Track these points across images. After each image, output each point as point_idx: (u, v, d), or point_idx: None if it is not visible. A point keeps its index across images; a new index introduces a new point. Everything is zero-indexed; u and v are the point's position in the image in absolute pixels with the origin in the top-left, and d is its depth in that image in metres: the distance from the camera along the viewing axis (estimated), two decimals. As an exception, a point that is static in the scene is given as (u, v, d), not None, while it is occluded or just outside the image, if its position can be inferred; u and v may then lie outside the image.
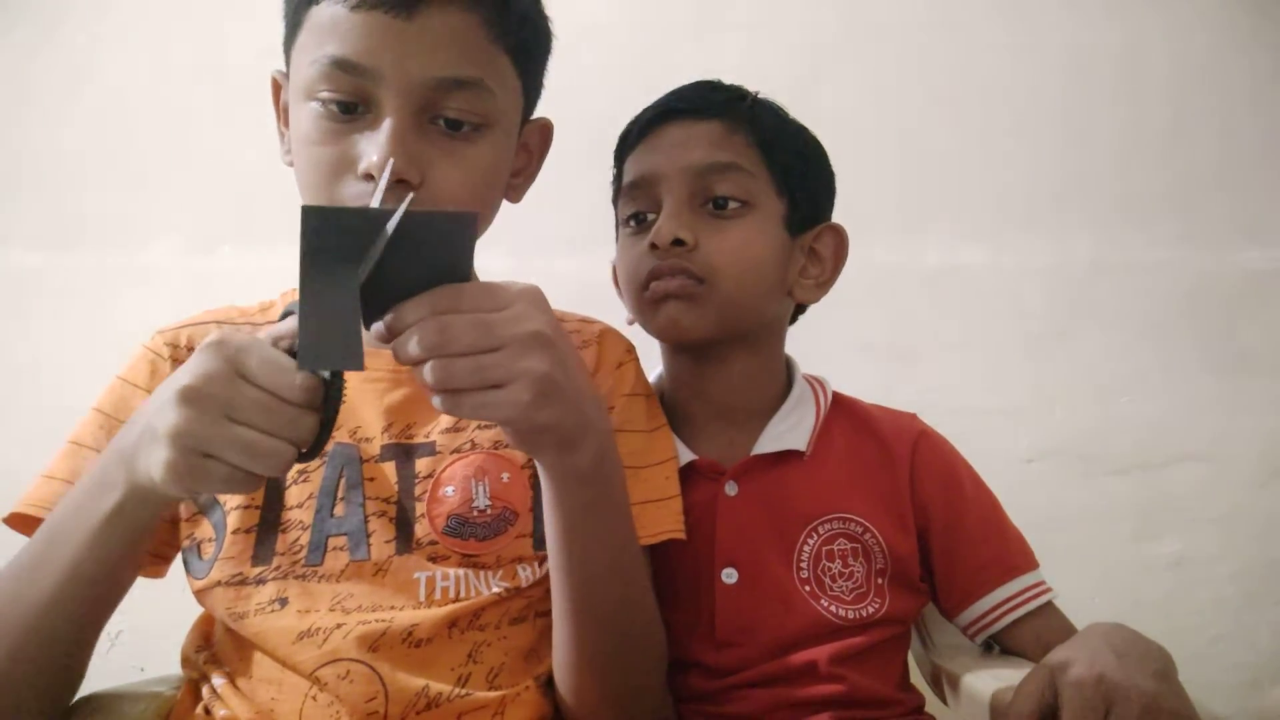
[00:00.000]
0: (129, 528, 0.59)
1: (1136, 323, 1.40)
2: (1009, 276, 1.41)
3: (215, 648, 0.75)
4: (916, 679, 0.89)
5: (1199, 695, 0.63)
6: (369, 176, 0.66)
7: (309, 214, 0.49)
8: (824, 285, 0.92)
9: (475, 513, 0.74)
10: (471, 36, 0.70)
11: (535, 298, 0.56)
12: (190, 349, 0.77)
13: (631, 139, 0.91)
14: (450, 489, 0.75)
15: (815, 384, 0.94)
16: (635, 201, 0.89)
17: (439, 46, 0.68)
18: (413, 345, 0.52)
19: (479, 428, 0.78)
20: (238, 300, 0.86)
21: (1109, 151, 1.42)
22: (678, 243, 0.83)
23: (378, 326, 0.54)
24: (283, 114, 0.79)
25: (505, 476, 0.76)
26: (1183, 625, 1.32)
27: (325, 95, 0.68)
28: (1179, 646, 0.66)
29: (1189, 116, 1.43)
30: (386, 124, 0.66)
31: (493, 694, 0.70)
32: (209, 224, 1.36)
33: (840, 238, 0.92)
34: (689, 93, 0.90)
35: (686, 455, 0.86)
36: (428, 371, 0.52)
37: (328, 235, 0.49)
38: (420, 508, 0.74)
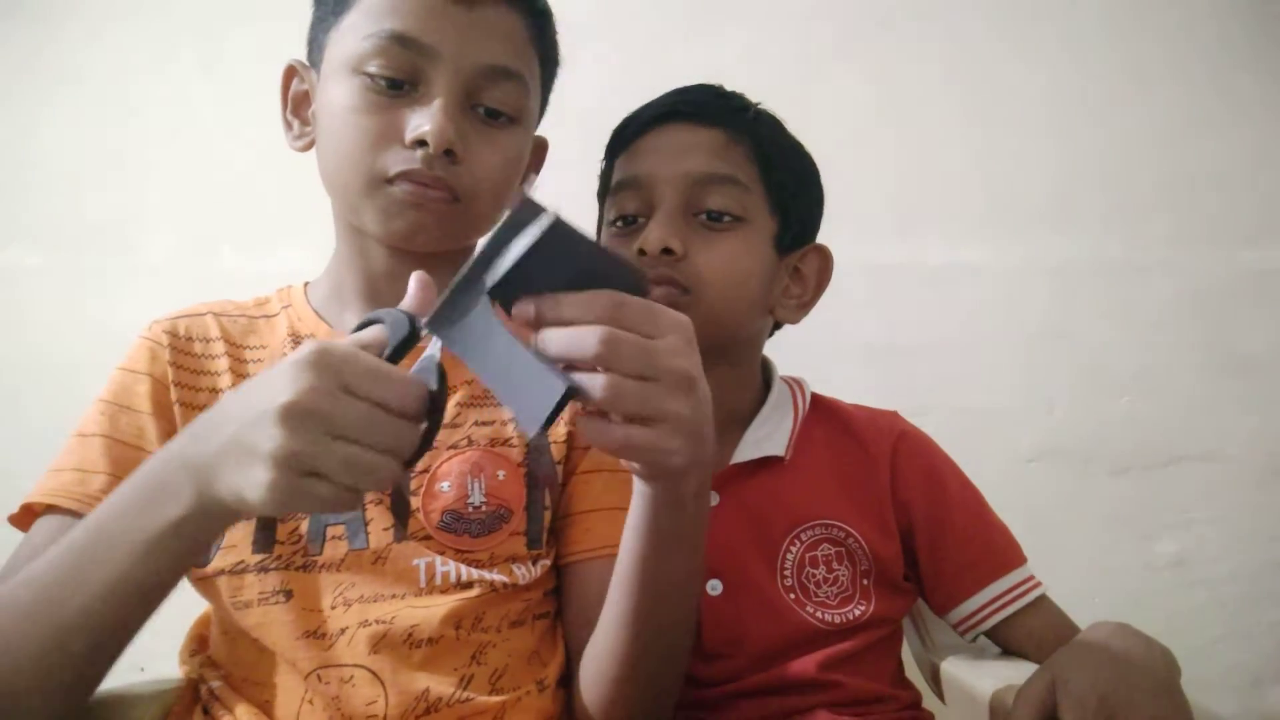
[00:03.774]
0: (189, 541, 0.55)
1: (1136, 323, 1.40)
2: (1009, 276, 1.41)
3: (211, 650, 0.75)
4: (915, 676, 0.89)
5: (1199, 695, 0.63)
6: (418, 143, 0.70)
7: (436, 326, 0.49)
8: (805, 306, 0.91)
9: (470, 509, 0.74)
10: (518, 35, 0.76)
11: (689, 332, 0.53)
12: (190, 339, 0.78)
13: (628, 136, 0.88)
14: (446, 484, 0.75)
15: (793, 385, 0.93)
16: (625, 202, 0.87)
17: (493, 37, 0.73)
18: (574, 346, 0.48)
19: (476, 424, 0.77)
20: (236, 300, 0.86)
21: (1109, 151, 1.42)
22: (666, 251, 0.81)
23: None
24: (291, 102, 0.81)
25: (501, 474, 0.76)
26: (1183, 625, 1.32)
27: (375, 69, 0.71)
28: (1179, 646, 0.66)
29: (1188, 117, 1.43)
30: (439, 100, 0.70)
31: (494, 699, 0.70)
32: (209, 224, 1.36)
33: (825, 260, 0.91)
34: (694, 96, 0.88)
35: None
36: (601, 388, 0.48)
37: (455, 315, 0.49)
38: (415, 502, 0.74)
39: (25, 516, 0.71)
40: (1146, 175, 1.42)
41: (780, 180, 0.86)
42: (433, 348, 0.51)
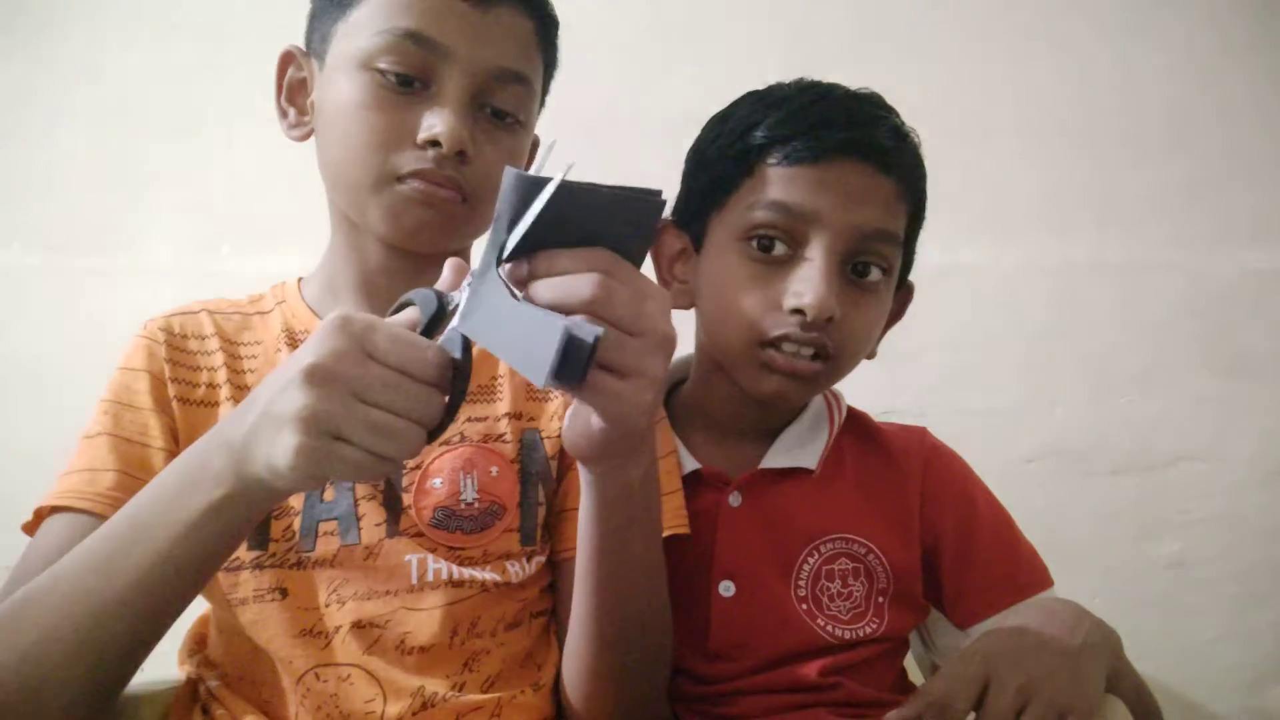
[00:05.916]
0: (231, 523, 0.55)
1: (1136, 323, 1.40)
2: (1009, 276, 1.41)
3: (209, 650, 0.75)
4: (917, 677, 0.89)
5: (1199, 695, 0.63)
6: (430, 144, 0.70)
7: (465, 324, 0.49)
8: (878, 339, 0.89)
9: (462, 506, 0.74)
10: (528, 40, 0.76)
11: (669, 301, 0.53)
12: (184, 335, 0.78)
13: (791, 156, 0.78)
14: (438, 481, 0.74)
15: (830, 397, 0.91)
16: (772, 225, 0.78)
17: (506, 40, 0.74)
18: (568, 291, 0.48)
19: (469, 420, 0.77)
20: (236, 300, 0.86)
21: (1109, 152, 1.42)
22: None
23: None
24: (286, 89, 0.80)
25: (494, 470, 0.76)
26: (1183, 625, 1.32)
27: (386, 65, 0.71)
28: (1179, 647, 0.66)
29: (1189, 117, 1.43)
30: (452, 100, 0.71)
31: (489, 696, 0.70)
32: (209, 224, 1.36)
33: (908, 296, 0.90)
34: (877, 136, 0.79)
35: (691, 464, 0.84)
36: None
37: (477, 306, 0.49)
38: (406, 499, 0.74)
39: (38, 523, 0.70)
40: (1147, 176, 1.42)
41: (917, 233, 0.85)
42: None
